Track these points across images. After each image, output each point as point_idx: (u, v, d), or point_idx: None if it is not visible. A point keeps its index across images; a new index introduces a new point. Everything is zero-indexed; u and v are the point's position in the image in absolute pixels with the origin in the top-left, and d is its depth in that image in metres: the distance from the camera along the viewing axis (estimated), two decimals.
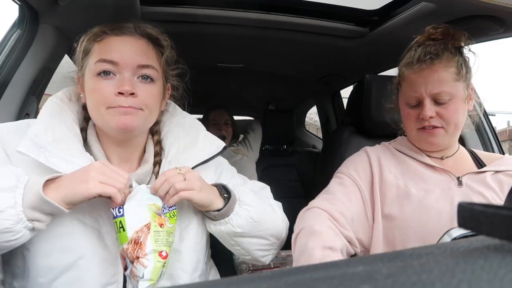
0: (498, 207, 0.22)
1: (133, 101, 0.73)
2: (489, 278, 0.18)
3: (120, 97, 0.72)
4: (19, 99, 1.08)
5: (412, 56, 0.93)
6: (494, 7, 0.89)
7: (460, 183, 0.91)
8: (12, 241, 0.63)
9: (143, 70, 0.76)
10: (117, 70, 0.74)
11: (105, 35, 0.76)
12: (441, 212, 0.85)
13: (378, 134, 1.25)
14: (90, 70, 0.75)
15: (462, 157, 0.99)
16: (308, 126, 3.35)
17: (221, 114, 2.18)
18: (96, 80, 0.73)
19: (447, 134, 0.91)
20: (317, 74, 2.01)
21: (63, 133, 0.73)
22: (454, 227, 0.50)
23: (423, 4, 1.06)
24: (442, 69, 0.88)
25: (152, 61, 0.78)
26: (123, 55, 0.74)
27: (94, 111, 0.75)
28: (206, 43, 1.53)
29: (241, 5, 1.27)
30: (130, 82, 0.73)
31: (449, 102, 0.88)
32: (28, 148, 0.67)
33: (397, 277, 0.18)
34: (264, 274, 0.21)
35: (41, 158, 0.68)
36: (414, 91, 0.91)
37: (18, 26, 1.10)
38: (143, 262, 0.67)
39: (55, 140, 0.71)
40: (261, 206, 0.86)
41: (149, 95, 0.76)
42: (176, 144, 0.86)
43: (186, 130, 0.89)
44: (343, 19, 1.36)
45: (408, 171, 0.94)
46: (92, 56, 0.76)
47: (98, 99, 0.73)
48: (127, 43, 0.76)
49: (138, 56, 0.75)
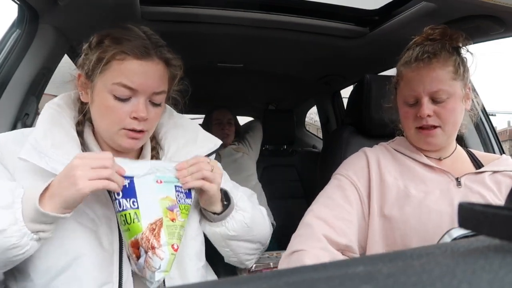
0: (498, 207, 0.22)
1: (144, 124, 0.77)
2: (490, 279, 0.18)
3: (134, 121, 0.76)
4: (19, 99, 1.08)
5: (410, 55, 0.94)
6: (494, 7, 0.89)
7: (459, 184, 0.91)
8: (20, 255, 0.65)
9: (156, 97, 0.78)
10: (133, 93, 0.76)
11: (127, 56, 0.75)
12: (441, 213, 0.85)
13: (378, 134, 1.25)
14: (106, 85, 0.75)
15: (460, 157, 0.99)
16: (308, 126, 3.35)
17: (224, 114, 2.20)
18: (111, 99, 0.75)
19: (444, 133, 0.91)
20: (317, 74, 2.01)
21: (61, 138, 0.75)
22: (455, 227, 0.50)
23: (423, 4, 1.06)
24: (440, 68, 0.89)
25: (164, 85, 0.80)
26: (142, 82, 0.75)
27: (102, 124, 0.78)
28: (206, 43, 1.53)
29: (241, 5, 1.27)
30: (145, 108, 0.76)
31: (447, 101, 0.89)
32: (30, 154, 0.69)
33: (398, 277, 0.18)
34: (264, 274, 0.21)
35: (42, 163, 0.69)
36: (412, 90, 0.92)
37: (18, 26, 1.10)
38: (159, 254, 0.68)
39: (54, 145, 0.72)
40: (254, 212, 0.90)
41: (156, 117, 0.81)
42: (175, 142, 0.88)
43: (184, 130, 0.91)
44: (343, 19, 1.36)
45: (408, 172, 0.94)
46: (110, 72, 0.75)
47: (113, 120, 0.76)
48: (148, 69, 0.76)
49: (156, 84, 0.77)
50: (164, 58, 0.80)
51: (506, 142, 20.94)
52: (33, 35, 1.09)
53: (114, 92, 0.75)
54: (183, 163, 0.77)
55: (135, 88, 0.75)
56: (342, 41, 1.44)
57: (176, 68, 0.84)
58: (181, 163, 0.78)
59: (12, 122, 1.08)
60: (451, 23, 1.04)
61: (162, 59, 0.79)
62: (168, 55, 0.81)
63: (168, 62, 0.81)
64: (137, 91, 0.75)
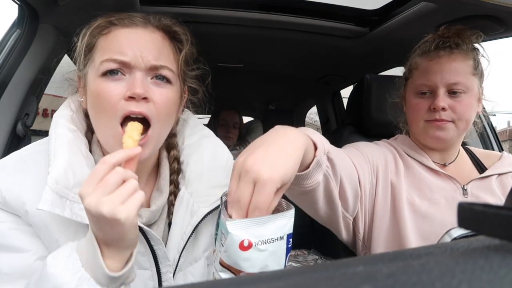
0: (498, 207, 0.22)
1: (146, 107, 0.61)
2: (489, 278, 0.18)
3: (131, 102, 0.60)
4: (19, 99, 1.08)
5: (428, 45, 0.89)
6: (494, 7, 0.89)
7: (466, 193, 0.87)
8: None
9: (156, 72, 0.64)
10: (127, 69, 0.62)
11: (113, 26, 0.64)
12: (445, 223, 0.82)
13: (378, 134, 1.25)
14: (94, 69, 0.63)
15: (463, 161, 0.96)
16: (308, 126, 3.34)
17: (232, 116, 2.23)
18: (101, 81, 0.61)
19: (457, 130, 0.86)
20: (317, 74, 2.01)
21: (83, 171, 0.61)
22: (454, 227, 0.50)
23: (423, 4, 1.06)
24: (461, 59, 0.85)
25: (167, 60, 0.66)
26: (134, 52, 0.62)
27: (98, 122, 0.63)
28: (206, 43, 1.53)
29: (241, 5, 1.27)
30: (142, 84, 0.61)
31: (464, 96, 0.84)
32: (51, 203, 0.55)
33: (398, 277, 0.18)
34: (264, 274, 0.21)
35: (66, 212, 0.56)
36: (427, 80, 0.86)
37: (18, 26, 1.10)
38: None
39: (77, 185, 0.58)
40: None
41: (164, 99, 0.63)
42: (199, 173, 0.72)
43: (210, 157, 0.74)
44: (343, 19, 1.36)
45: (413, 177, 0.90)
46: (97, 52, 0.64)
47: (104, 106, 0.60)
48: (139, 37, 0.64)
49: (152, 55, 0.63)
50: (162, 26, 0.67)
51: (506, 142, 20.92)
52: (33, 35, 1.09)
53: (102, 70, 0.61)
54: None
55: (127, 61, 0.61)
56: (342, 41, 1.44)
57: (185, 43, 0.70)
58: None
59: (12, 122, 1.08)
60: (451, 23, 1.03)
61: (160, 28, 0.67)
62: (168, 22, 0.68)
63: (168, 31, 0.68)
64: (129, 64, 0.61)
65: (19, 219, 0.60)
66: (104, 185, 0.48)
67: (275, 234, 0.48)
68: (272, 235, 0.48)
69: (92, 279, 0.51)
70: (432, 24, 1.07)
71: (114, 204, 0.48)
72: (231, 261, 0.47)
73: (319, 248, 1.37)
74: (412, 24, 1.15)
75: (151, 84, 0.64)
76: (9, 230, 0.59)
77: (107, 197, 0.48)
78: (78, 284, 0.50)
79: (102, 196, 0.48)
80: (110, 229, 0.49)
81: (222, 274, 0.48)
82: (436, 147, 0.92)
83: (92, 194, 0.48)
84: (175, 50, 0.69)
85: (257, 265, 0.47)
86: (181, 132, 0.78)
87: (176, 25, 0.70)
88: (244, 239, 0.46)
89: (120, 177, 0.49)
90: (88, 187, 0.48)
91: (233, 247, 0.46)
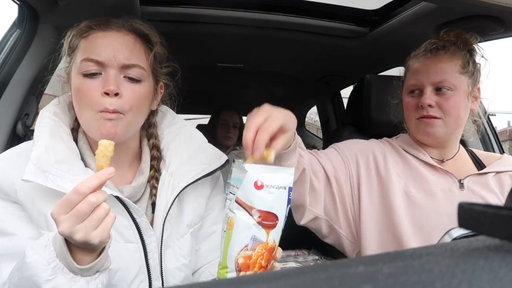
0: (498, 207, 0.22)
1: (118, 102, 0.70)
2: (490, 278, 0.18)
3: (106, 98, 0.69)
4: (19, 99, 1.08)
5: (419, 49, 0.95)
6: (494, 7, 0.89)
7: (462, 187, 0.90)
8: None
9: (128, 71, 0.73)
10: (102, 68, 0.71)
11: (91, 30, 0.73)
12: (441, 214, 0.84)
13: (378, 134, 1.25)
14: (76, 68, 0.72)
15: (462, 158, 0.98)
16: (308, 126, 3.35)
17: (231, 116, 2.21)
18: (82, 79, 0.71)
19: (445, 126, 0.90)
20: (317, 74, 2.01)
21: (63, 151, 0.70)
22: (455, 227, 0.50)
23: (423, 4, 1.06)
24: (447, 60, 0.89)
25: (138, 59, 0.74)
26: (108, 53, 0.71)
27: (80, 113, 0.73)
28: (206, 43, 1.53)
29: (241, 5, 1.27)
30: (115, 81, 0.70)
31: (451, 93, 0.88)
32: (34, 174, 0.64)
33: (398, 277, 0.18)
34: (264, 274, 0.21)
35: (48, 182, 0.64)
36: (416, 80, 0.92)
37: (18, 26, 1.10)
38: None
39: (57, 161, 0.67)
40: None
41: (135, 96, 0.72)
42: (178, 156, 0.82)
43: (187, 141, 0.85)
44: (343, 19, 1.36)
45: (410, 170, 0.94)
46: (78, 53, 0.73)
47: (85, 101, 0.70)
48: (113, 40, 0.73)
49: (123, 55, 0.72)
50: (135, 30, 0.76)
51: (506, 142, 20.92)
52: (33, 35, 1.09)
53: (82, 70, 0.71)
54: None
55: (101, 61, 0.70)
56: (342, 41, 1.44)
57: (154, 44, 0.78)
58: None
59: (12, 122, 1.08)
60: (451, 23, 1.04)
61: (131, 31, 0.75)
62: (140, 26, 0.77)
63: (140, 34, 0.76)
64: (104, 63, 0.71)
65: (14, 204, 0.69)
66: (76, 214, 0.53)
67: (280, 183, 0.60)
68: (278, 183, 0.60)
69: (66, 268, 0.57)
70: (432, 24, 1.07)
71: (87, 232, 0.54)
72: (245, 198, 0.58)
73: (319, 248, 1.36)
74: (412, 24, 1.15)
75: (124, 81, 0.73)
76: (5, 215, 0.68)
77: (80, 225, 0.54)
78: (52, 273, 0.56)
79: (75, 224, 0.53)
80: (83, 247, 0.56)
81: (237, 211, 0.59)
82: (429, 144, 0.96)
83: (66, 222, 0.53)
84: (147, 51, 0.77)
85: (266, 204, 0.58)
86: (159, 123, 0.87)
87: (147, 28, 0.79)
88: (258, 179, 0.58)
89: (91, 207, 0.54)
90: (61, 213, 0.54)
91: (249, 184, 0.58)
